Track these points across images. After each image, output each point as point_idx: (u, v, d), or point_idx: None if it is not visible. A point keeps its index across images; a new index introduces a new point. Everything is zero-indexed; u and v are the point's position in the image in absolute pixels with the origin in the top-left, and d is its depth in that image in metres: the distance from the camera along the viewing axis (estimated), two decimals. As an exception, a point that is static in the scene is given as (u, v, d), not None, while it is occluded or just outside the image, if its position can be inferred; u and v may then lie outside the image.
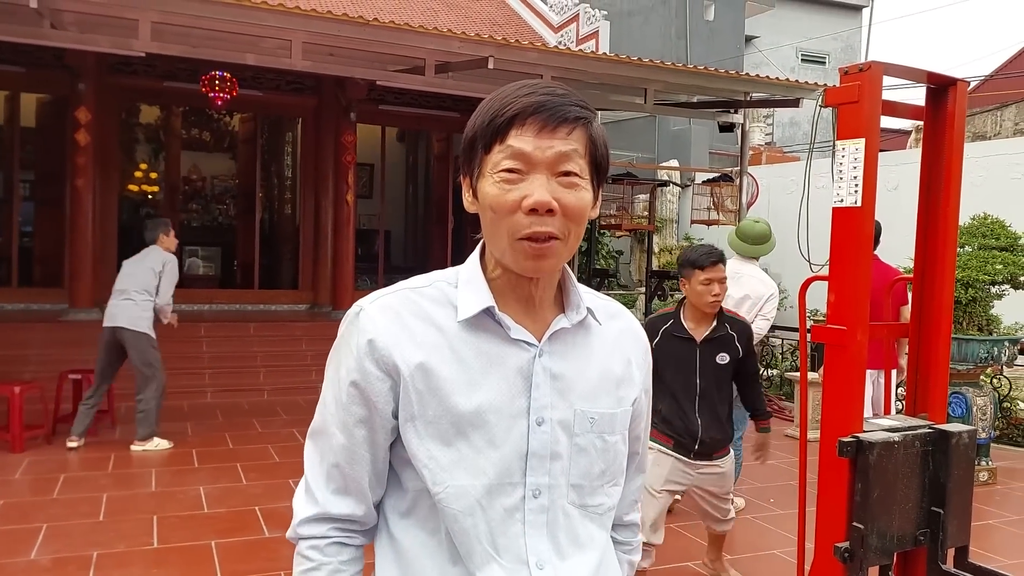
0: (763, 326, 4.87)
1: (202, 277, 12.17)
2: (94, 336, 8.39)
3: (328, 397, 1.16)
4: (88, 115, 8.76)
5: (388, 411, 1.12)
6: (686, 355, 3.45)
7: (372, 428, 1.13)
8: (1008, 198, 7.79)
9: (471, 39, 7.19)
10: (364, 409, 1.12)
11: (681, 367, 3.45)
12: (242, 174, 12.25)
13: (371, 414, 1.12)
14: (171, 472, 5.50)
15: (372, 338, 1.11)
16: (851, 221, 2.28)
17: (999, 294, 6.63)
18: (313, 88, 10.61)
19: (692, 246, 3.59)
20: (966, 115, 2.43)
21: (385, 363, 1.10)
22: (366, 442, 1.13)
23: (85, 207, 8.92)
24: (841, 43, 20.93)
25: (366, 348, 1.11)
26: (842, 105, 2.28)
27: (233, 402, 7.87)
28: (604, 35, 10.48)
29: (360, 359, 1.11)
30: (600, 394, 1.18)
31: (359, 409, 1.12)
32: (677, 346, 3.46)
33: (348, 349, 1.13)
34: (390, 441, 1.14)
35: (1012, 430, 7.29)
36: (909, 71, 2.34)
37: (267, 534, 4.41)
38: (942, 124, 2.42)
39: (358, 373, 1.11)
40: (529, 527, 1.11)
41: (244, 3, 6.39)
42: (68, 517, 4.55)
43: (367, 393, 1.11)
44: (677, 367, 3.44)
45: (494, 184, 1.08)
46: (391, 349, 1.10)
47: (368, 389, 1.11)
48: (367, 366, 1.11)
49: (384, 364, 1.10)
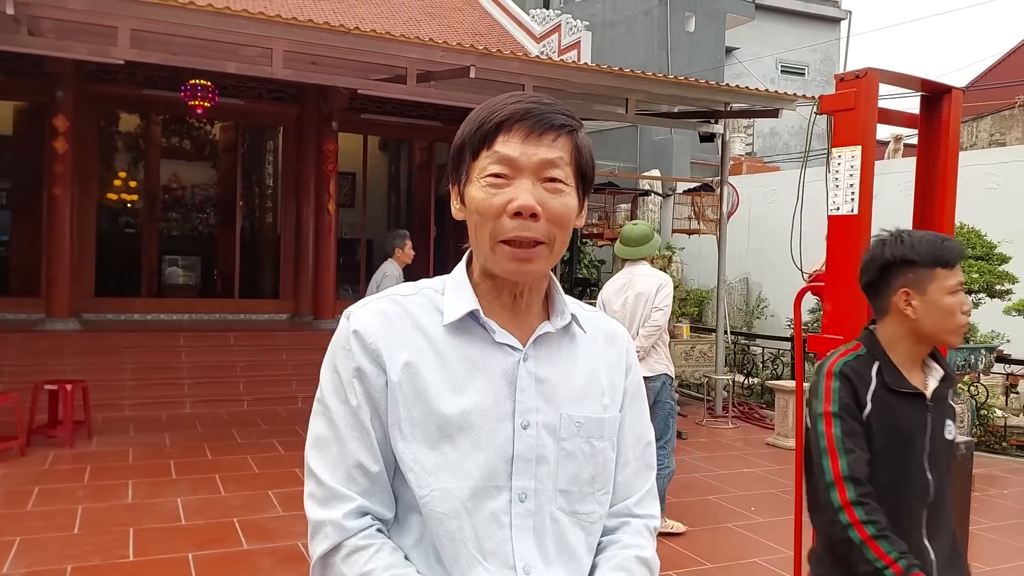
0: (659, 318, 4.75)
1: (182, 286, 12.06)
2: (71, 346, 8.32)
3: (331, 403, 1.14)
4: (66, 123, 8.67)
5: (383, 405, 1.12)
6: (911, 426, 1.89)
7: (376, 421, 1.12)
8: (984, 208, 7.90)
9: (453, 48, 7.19)
10: (365, 399, 1.12)
11: (901, 449, 1.88)
12: (223, 183, 12.16)
13: (373, 406, 1.12)
14: (148, 483, 5.42)
15: (364, 338, 1.13)
16: (848, 229, 2.25)
17: (976, 302, 6.71)
18: (295, 97, 10.57)
19: (905, 233, 1.92)
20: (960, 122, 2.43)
21: (377, 360, 1.12)
22: (372, 434, 1.12)
23: (63, 216, 8.81)
24: (820, 55, 21.16)
25: (357, 343, 1.13)
26: (838, 112, 2.26)
27: (213, 412, 7.79)
28: (586, 45, 10.53)
29: (357, 358, 1.12)
30: (586, 399, 1.18)
31: (359, 399, 1.12)
32: (899, 410, 1.88)
33: (342, 351, 1.14)
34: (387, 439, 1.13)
35: (989, 437, 7.37)
36: (904, 78, 2.33)
37: (245, 546, 4.36)
38: (936, 131, 2.40)
39: (354, 367, 1.12)
40: (516, 531, 1.10)
41: (225, 11, 6.35)
42: (42, 530, 4.47)
43: (369, 388, 1.12)
44: (896, 448, 1.88)
45: (480, 188, 1.11)
46: (380, 349, 1.12)
47: (369, 385, 1.12)
48: (360, 359, 1.12)
49: (377, 361, 1.12)
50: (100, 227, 10.43)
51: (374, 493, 1.12)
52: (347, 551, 1.08)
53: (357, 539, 1.09)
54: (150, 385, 8.00)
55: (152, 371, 8.21)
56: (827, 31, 21.45)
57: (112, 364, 8.08)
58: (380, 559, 1.07)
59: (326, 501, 1.11)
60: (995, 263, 6.74)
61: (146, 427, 7.10)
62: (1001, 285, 6.70)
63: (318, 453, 1.13)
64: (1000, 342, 7.13)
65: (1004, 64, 19.83)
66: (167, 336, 8.94)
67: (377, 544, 1.09)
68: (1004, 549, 4.75)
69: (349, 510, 1.09)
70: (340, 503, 1.10)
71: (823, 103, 2.31)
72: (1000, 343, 7.08)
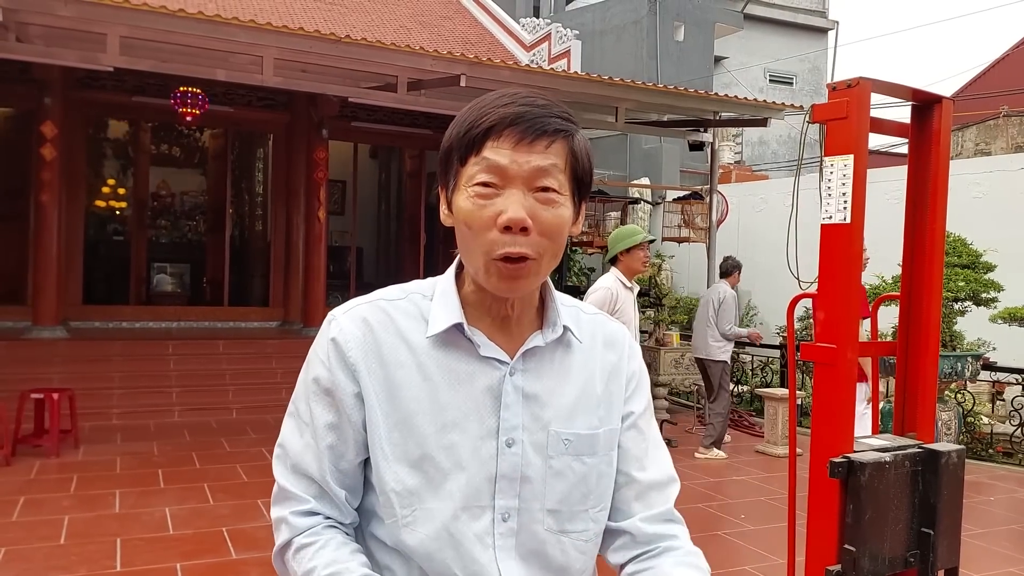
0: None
1: (171, 294, 11.99)
2: (58, 354, 8.26)
3: (300, 404, 1.14)
4: (54, 129, 8.62)
5: (358, 420, 1.09)
6: None
7: (342, 436, 1.10)
8: (969, 217, 7.96)
9: (443, 57, 7.21)
10: (334, 415, 1.10)
11: None
12: (212, 190, 12.13)
13: (340, 420, 1.09)
14: (136, 493, 5.38)
15: (342, 349, 1.10)
16: (840, 238, 2.23)
17: (962, 310, 6.76)
18: (285, 104, 10.56)
19: None
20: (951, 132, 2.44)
21: (353, 371, 1.09)
22: (332, 450, 1.10)
23: (50, 223, 8.75)
24: (808, 64, 21.33)
25: (335, 354, 1.10)
26: (830, 121, 2.25)
27: (201, 421, 7.74)
28: (576, 54, 10.58)
29: (330, 364, 1.10)
30: (577, 414, 1.13)
31: (329, 414, 1.10)
32: None
33: (318, 360, 1.12)
34: (361, 457, 1.11)
35: (976, 444, 7.41)
36: (895, 88, 2.33)
37: (234, 555, 4.33)
38: (927, 141, 2.39)
39: (328, 378, 1.10)
40: (500, 552, 1.07)
41: (215, 18, 6.35)
42: (28, 540, 4.42)
43: (336, 397, 1.09)
44: None
45: (468, 199, 1.04)
46: (358, 364, 1.09)
47: (337, 393, 1.09)
48: (336, 372, 1.09)
49: (352, 371, 1.09)
50: (88, 234, 10.36)
51: (325, 500, 1.11)
52: (295, 548, 1.10)
53: (303, 536, 1.10)
54: (138, 393, 7.94)
55: (140, 379, 8.15)
56: (815, 41, 21.63)
57: (100, 372, 8.02)
58: (323, 556, 1.07)
59: (280, 500, 1.13)
60: (981, 271, 6.80)
61: (134, 436, 7.05)
62: (987, 293, 6.76)
63: (280, 452, 1.15)
64: (986, 350, 7.18)
65: (989, 74, 20.03)
66: (155, 344, 8.88)
67: (322, 540, 1.08)
68: (992, 556, 4.77)
69: (298, 509, 1.11)
70: (291, 503, 1.12)
71: (815, 112, 2.30)
72: (986, 351, 7.13)
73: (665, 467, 1.22)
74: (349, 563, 1.05)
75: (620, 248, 4.83)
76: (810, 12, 21.53)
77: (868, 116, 2.24)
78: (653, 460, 1.21)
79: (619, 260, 4.85)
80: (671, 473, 1.23)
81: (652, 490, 1.19)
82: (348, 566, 1.05)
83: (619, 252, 4.83)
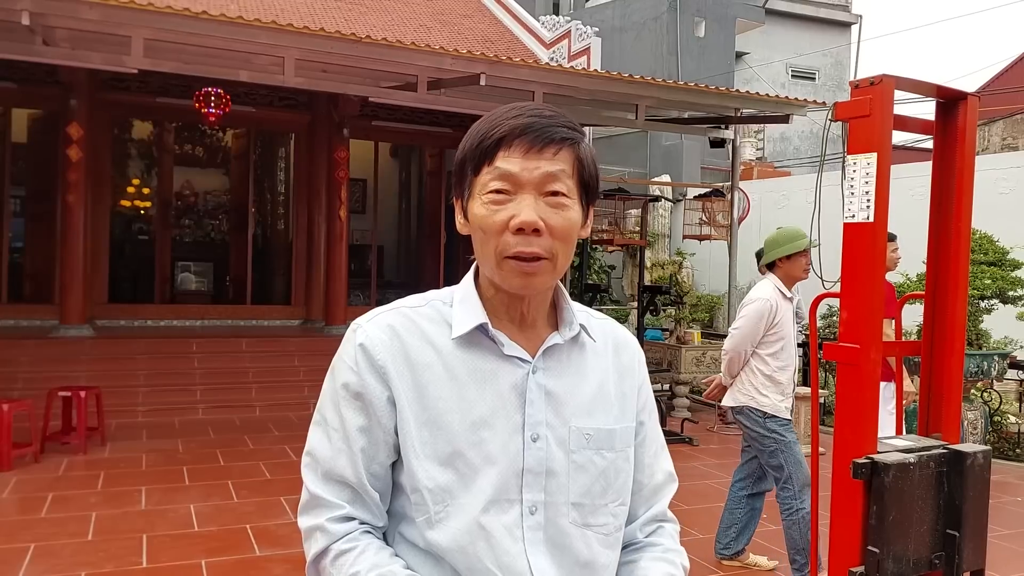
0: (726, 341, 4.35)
1: (194, 292, 12.12)
2: (84, 353, 8.38)
3: (328, 415, 1.16)
4: (80, 131, 8.75)
5: (389, 423, 1.12)
6: None
7: (373, 439, 1.13)
8: (996, 213, 7.85)
9: (463, 56, 7.22)
10: (364, 418, 1.13)
11: None
12: (235, 189, 12.24)
13: (371, 424, 1.12)
14: (161, 490, 5.45)
15: (371, 353, 1.13)
16: (863, 237, 2.21)
17: (988, 308, 6.67)
18: (306, 104, 10.63)
19: None
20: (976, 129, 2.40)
21: (382, 374, 1.12)
22: (365, 453, 1.13)
23: (76, 223, 8.88)
24: (831, 59, 21.10)
25: (364, 359, 1.13)
26: (853, 119, 2.23)
27: (225, 418, 7.82)
28: (596, 51, 10.54)
29: (359, 369, 1.13)
30: (596, 411, 1.18)
31: (359, 418, 1.13)
32: None
33: (346, 366, 1.15)
34: (391, 459, 1.14)
35: (1003, 444, 7.31)
36: (920, 85, 2.30)
37: (258, 552, 4.37)
38: (952, 139, 2.35)
39: (357, 383, 1.13)
40: (529, 545, 1.11)
41: (237, 20, 6.40)
42: (56, 536, 4.50)
43: (367, 400, 1.12)
44: None
45: (483, 205, 1.11)
46: (387, 366, 1.12)
47: (367, 396, 1.12)
48: (366, 376, 1.13)
49: (381, 375, 1.12)
50: (113, 234, 10.50)
51: (360, 503, 1.13)
52: (334, 555, 1.11)
53: (342, 543, 1.11)
54: (163, 391, 8.04)
55: (165, 377, 8.25)
56: (837, 36, 21.38)
57: (125, 370, 8.13)
58: (365, 560, 1.09)
59: (313, 508, 1.15)
60: (1007, 269, 6.70)
61: (159, 433, 7.14)
62: (1014, 291, 6.66)
63: (308, 460, 1.17)
64: (1013, 348, 7.08)
65: (1016, 68, 19.71)
66: (180, 342, 8.99)
67: (362, 545, 1.11)
68: (1019, 557, 4.71)
69: (334, 516, 1.12)
70: (325, 510, 1.13)
71: (838, 110, 2.27)
72: (1013, 349, 7.03)
73: (666, 467, 1.31)
74: (392, 566, 1.09)
75: (780, 254, 4.22)
76: (833, 6, 21.28)
77: (892, 114, 2.21)
78: (659, 465, 1.30)
79: (777, 267, 4.26)
80: (670, 471, 1.32)
81: (653, 492, 1.29)
82: (392, 568, 1.09)
83: (779, 258, 4.24)
